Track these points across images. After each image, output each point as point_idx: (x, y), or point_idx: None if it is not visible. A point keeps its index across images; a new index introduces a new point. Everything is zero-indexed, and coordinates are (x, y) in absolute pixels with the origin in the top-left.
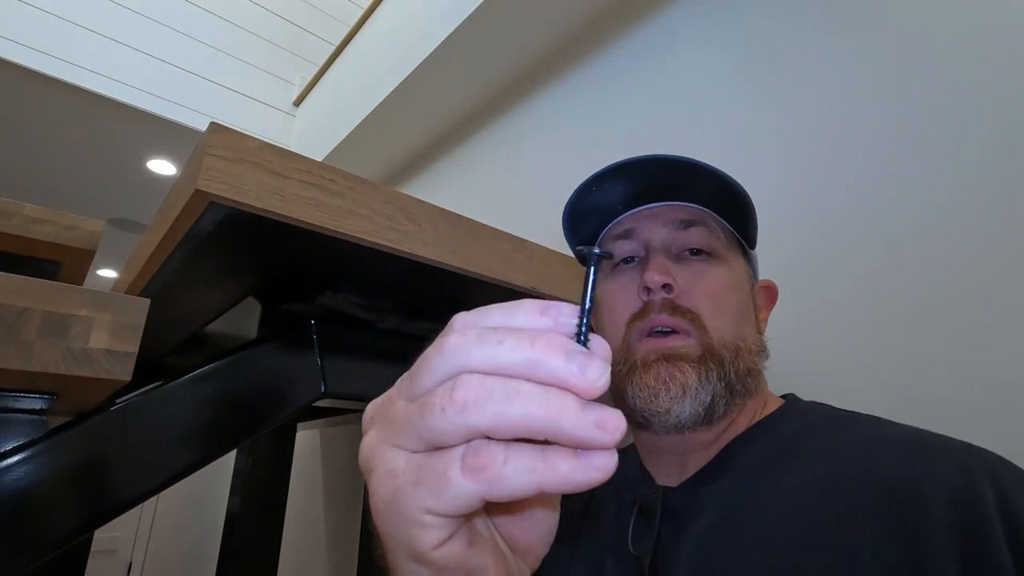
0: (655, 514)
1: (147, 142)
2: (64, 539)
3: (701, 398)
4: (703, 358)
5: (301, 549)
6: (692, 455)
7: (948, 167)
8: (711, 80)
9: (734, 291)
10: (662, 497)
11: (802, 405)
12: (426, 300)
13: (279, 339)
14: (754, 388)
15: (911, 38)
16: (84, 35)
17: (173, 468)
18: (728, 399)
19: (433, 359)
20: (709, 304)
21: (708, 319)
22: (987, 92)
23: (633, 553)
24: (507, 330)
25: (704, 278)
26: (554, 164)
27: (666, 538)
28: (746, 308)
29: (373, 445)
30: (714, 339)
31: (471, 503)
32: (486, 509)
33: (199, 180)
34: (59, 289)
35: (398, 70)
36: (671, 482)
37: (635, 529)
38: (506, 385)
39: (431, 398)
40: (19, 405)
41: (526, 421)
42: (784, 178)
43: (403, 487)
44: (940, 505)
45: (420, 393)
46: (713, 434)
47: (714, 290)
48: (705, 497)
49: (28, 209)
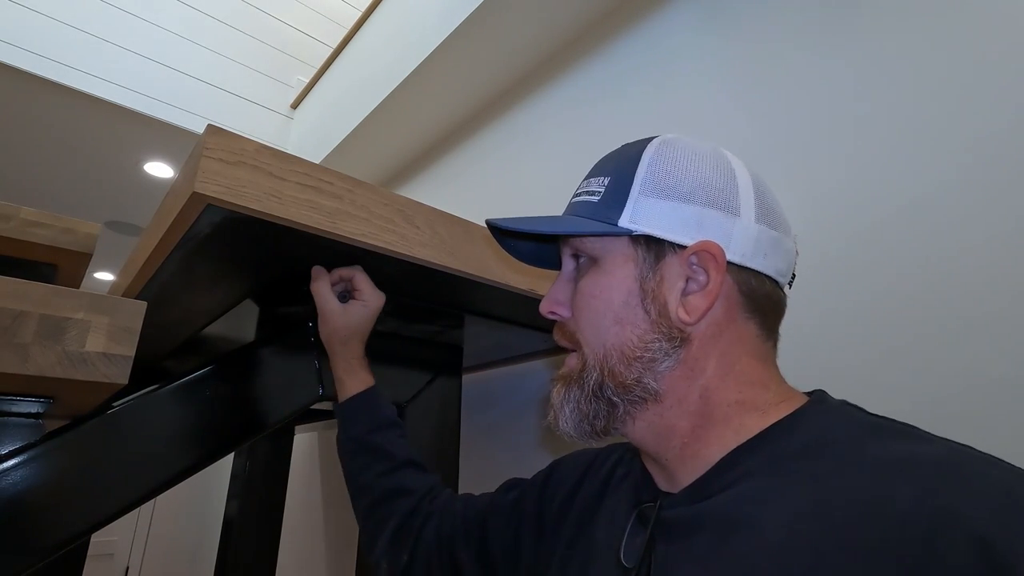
0: (649, 524)
1: (144, 145)
2: (61, 543)
3: (566, 414)
4: (572, 375)
5: (299, 553)
6: (667, 459)
7: (950, 168)
8: (708, 83)
9: (602, 297)
10: (658, 508)
11: (823, 408)
12: (424, 302)
13: (277, 342)
14: (652, 392)
15: (910, 39)
16: (81, 38)
17: (170, 471)
18: (608, 410)
19: None
20: (577, 318)
21: (580, 334)
22: (990, 92)
23: (623, 563)
24: None
25: (576, 295)
26: (551, 166)
27: (659, 554)
28: (624, 309)
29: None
30: (587, 353)
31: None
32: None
33: (196, 182)
34: (55, 292)
35: (396, 73)
36: (667, 486)
37: (630, 536)
38: None
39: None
40: (15, 409)
41: None
42: (783, 179)
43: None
44: (958, 556)
45: None
46: (660, 445)
47: (579, 303)
48: (701, 514)
49: (25, 212)
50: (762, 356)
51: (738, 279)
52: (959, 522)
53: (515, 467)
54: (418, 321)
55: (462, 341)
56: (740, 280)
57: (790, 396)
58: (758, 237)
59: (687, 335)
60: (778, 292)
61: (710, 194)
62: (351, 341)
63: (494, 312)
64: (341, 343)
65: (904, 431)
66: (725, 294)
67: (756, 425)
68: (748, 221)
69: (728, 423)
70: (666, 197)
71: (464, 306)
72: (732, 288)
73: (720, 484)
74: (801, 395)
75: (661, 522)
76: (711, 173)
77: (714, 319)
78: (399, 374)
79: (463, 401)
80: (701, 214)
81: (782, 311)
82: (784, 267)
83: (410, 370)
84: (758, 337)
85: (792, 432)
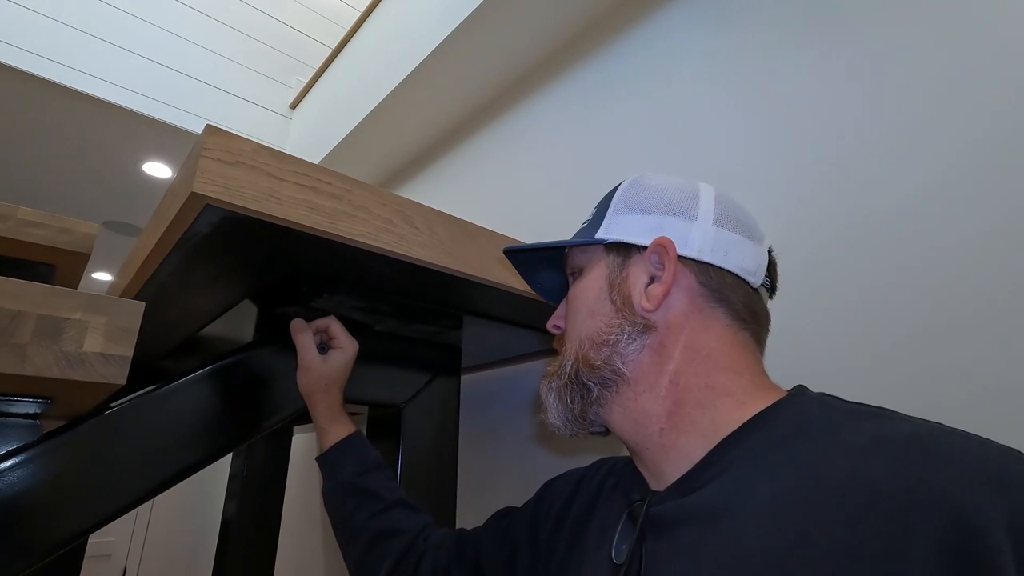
0: (638, 521)
1: (142, 145)
2: (58, 544)
3: (551, 406)
4: (553, 369)
5: (298, 554)
6: (647, 449)
7: (949, 169)
8: (705, 84)
9: (580, 296)
10: (646, 504)
11: (803, 399)
12: (423, 302)
13: (275, 342)
14: (620, 373)
15: (908, 44)
16: (79, 38)
17: (168, 472)
18: (583, 394)
19: None
20: (567, 321)
21: (565, 334)
22: (984, 91)
23: (614, 561)
24: None
25: (567, 302)
26: (550, 167)
27: (648, 549)
28: (596, 303)
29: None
30: (567, 348)
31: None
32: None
33: (195, 183)
34: (53, 293)
35: (395, 73)
36: (655, 485)
37: (621, 534)
38: None
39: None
40: (12, 409)
41: None
42: (781, 181)
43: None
44: (932, 523)
45: None
46: (639, 433)
47: (567, 310)
48: (687, 507)
49: (23, 212)
50: (735, 344)
51: (698, 272)
52: (932, 491)
53: (514, 468)
54: (417, 321)
55: (461, 342)
56: (700, 273)
57: (769, 388)
58: (716, 237)
59: (651, 322)
60: (745, 287)
61: (669, 205)
62: (332, 388)
63: (493, 313)
64: (323, 391)
65: (877, 413)
66: (686, 286)
67: (734, 415)
68: (706, 224)
69: (702, 409)
70: (632, 212)
71: (463, 307)
72: (692, 280)
73: (704, 478)
74: (781, 390)
75: (649, 518)
76: (673, 191)
77: (678, 308)
78: (398, 374)
79: (462, 402)
80: (661, 221)
81: (756, 306)
82: (751, 266)
83: (409, 371)
84: (728, 327)
85: (772, 423)
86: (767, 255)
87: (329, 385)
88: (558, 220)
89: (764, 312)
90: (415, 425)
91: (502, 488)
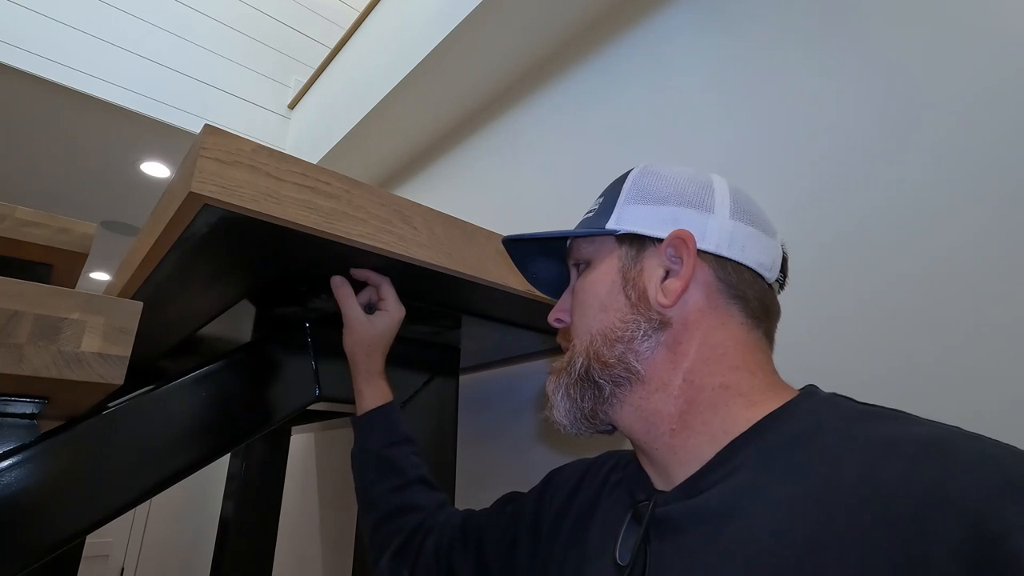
0: (643, 522)
1: (141, 144)
2: (55, 545)
3: (558, 403)
4: (562, 365)
5: (296, 554)
6: (657, 449)
7: (949, 169)
8: (703, 86)
9: (590, 290)
10: (652, 505)
11: (815, 400)
12: (421, 302)
13: (273, 343)
14: (635, 371)
15: (907, 42)
16: (77, 37)
17: (166, 472)
18: (595, 392)
19: None
20: (573, 316)
21: (573, 329)
22: (988, 93)
23: (618, 562)
24: None
25: (573, 298)
26: (548, 168)
27: (653, 550)
28: (608, 297)
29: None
30: (577, 343)
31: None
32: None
33: (193, 182)
34: (51, 292)
35: (394, 73)
36: (662, 485)
37: (626, 535)
38: None
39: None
40: (9, 409)
41: None
42: (779, 181)
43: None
44: (951, 531)
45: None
46: (649, 433)
47: (574, 304)
48: (694, 508)
49: (20, 212)
50: (748, 343)
51: (715, 267)
52: (949, 496)
53: (513, 468)
54: (415, 322)
55: (459, 342)
56: (717, 268)
57: (780, 388)
58: (733, 231)
59: (667, 318)
60: (761, 283)
61: (685, 196)
62: (375, 352)
63: (491, 313)
64: (365, 354)
65: (892, 415)
66: (704, 281)
67: (745, 415)
68: (723, 217)
69: (715, 409)
70: (646, 202)
71: (461, 307)
72: (710, 275)
73: (713, 479)
74: (792, 389)
75: (655, 519)
76: (686, 182)
77: (695, 304)
78: (396, 375)
79: (460, 402)
80: (676, 212)
81: (769, 302)
82: (767, 261)
83: (407, 371)
84: (743, 325)
85: (783, 423)
86: (781, 249)
87: (371, 349)
88: (556, 220)
89: (776, 308)
90: (413, 425)
91: (501, 488)
